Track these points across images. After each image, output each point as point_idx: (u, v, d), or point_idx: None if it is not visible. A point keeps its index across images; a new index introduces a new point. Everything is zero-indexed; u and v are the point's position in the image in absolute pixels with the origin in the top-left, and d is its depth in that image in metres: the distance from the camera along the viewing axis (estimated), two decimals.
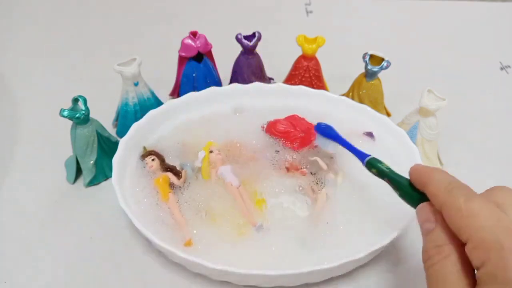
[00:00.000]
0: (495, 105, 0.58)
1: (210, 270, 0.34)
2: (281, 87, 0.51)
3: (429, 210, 0.28)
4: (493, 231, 0.23)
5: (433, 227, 0.27)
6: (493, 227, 0.23)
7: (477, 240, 0.24)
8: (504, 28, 0.75)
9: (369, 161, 0.34)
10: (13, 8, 0.76)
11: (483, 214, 0.24)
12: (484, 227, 0.24)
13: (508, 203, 0.25)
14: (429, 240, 0.26)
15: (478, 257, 0.23)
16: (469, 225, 0.24)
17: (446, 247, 0.25)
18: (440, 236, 0.26)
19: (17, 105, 0.56)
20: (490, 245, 0.23)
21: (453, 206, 0.25)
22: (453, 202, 0.26)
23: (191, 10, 0.77)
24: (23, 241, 0.41)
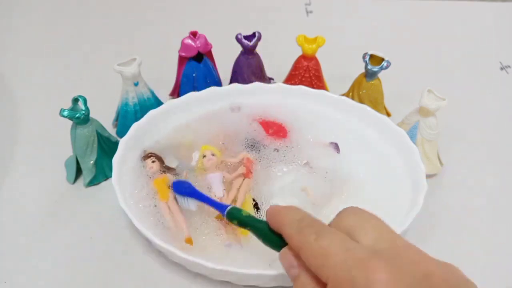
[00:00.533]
0: (495, 105, 0.58)
1: (210, 270, 0.34)
2: (281, 87, 0.51)
3: (291, 255, 0.27)
4: (344, 267, 0.23)
5: (297, 272, 0.26)
6: (344, 262, 0.23)
7: (334, 280, 0.23)
8: (504, 28, 0.75)
9: (229, 212, 0.33)
10: (13, 8, 0.76)
11: (333, 251, 0.24)
12: (336, 264, 0.23)
13: (358, 226, 0.26)
14: (298, 286, 0.26)
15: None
16: (324, 265, 0.24)
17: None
18: (306, 281, 0.26)
19: (17, 105, 0.56)
20: (345, 283, 0.23)
21: (306, 248, 0.25)
22: (305, 243, 0.25)
23: (191, 10, 0.76)
24: (23, 241, 0.41)
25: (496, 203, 0.46)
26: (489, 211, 0.45)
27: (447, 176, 0.48)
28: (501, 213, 0.45)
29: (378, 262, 0.23)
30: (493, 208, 0.45)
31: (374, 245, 0.25)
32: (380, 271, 0.22)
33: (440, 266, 0.24)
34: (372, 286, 0.22)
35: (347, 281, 0.23)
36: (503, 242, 0.42)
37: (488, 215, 0.44)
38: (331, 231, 0.26)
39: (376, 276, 0.22)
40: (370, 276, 0.22)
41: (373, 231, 0.25)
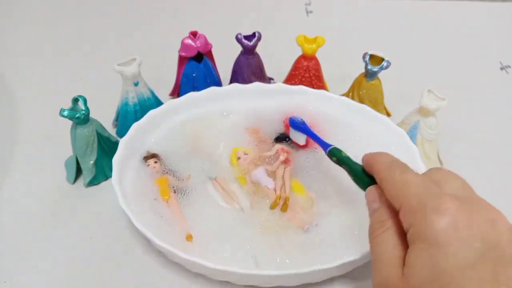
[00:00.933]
0: (495, 105, 0.58)
1: (210, 270, 0.34)
2: (281, 87, 0.50)
3: (376, 191, 0.30)
4: (420, 196, 0.25)
5: (378, 206, 0.29)
6: (421, 192, 0.25)
7: (407, 205, 0.26)
8: (504, 28, 0.75)
9: (331, 150, 0.38)
10: (13, 8, 0.76)
11: (413, 183, 0.26)
12: (413, 193, 0.26)
13: (443, 178, 0.27)
14: (374, 217, 0.29)
15: (407, 220, 0.25)
16: (401, 194, 0.26)
17: (388, 222, 0.27)
18: (383, 213, 0.28)
19: (17, 105, 0.56)
20: (416, 208, 0.25)
21: (390, 179, 0.28)
22: (390, 175, 0.28)
23: (191, 10, 0.77)
24: (23, 241, 0.41)
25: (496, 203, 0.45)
26: None
27: None
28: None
29: (451, 198, 0.24)
30: None
31: (453, 192, 0.26)
32: (451, 202, 0.24)
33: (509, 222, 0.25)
34: (441, 211, 0.24)
35: (418, 205, 0.25)
36: None
37: None
38: (417, 173, 0.28)
39: (445, 205, 0.24)
40: (440, 204, 0.24)
41: (456, 184, 0.27)
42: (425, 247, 0.23)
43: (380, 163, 0.30)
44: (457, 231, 0.23)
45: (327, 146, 0.39)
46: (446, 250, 0.23)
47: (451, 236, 0.23)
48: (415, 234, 0.24)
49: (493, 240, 0.23)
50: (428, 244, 0.23)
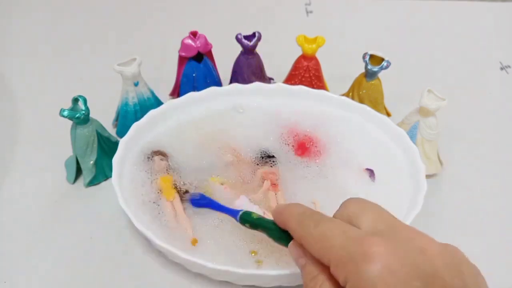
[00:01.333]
0: (495, 105, 0.58)
1: (210, 270, 0.34)
2: (281, 87, 0.50)
3: (297, 246, 0.28)
4: (343, 246, 0.24)
5: (304, 262, 0.28)
6: (343, 243, 0.24)
7: (334, 260, 0.24)
8: (504, 28, 0.75)
9: (242, 218, 0.35)
10: (13, 8, 0.76)
11: (331, 234, 0.25)
12: (334, 245, 0.25)
13: (358, 213, 0.27)
14: (305, 274, 0.27)
15: (341, 275, 0.24)
16: (323, 248, 0.25)
17: (319, 277, 0.26)
18: (312, 268, 0.27)
19: (17, 105, 0.56)
20: (345, 261, 0.24)
21: (307, 235, 0.27)
22: (306, 232, 0.27)
23: (191, 10, 0.76)
24: (23, 241, 0.41)
25: (496, 203, 0.46)
26: (489, 211, 0.45)
27: (447, 176, 0.48)
28: (501, 213, 0.45)
29: (374, 238, 0.24)
30: (493, 208, 0.45)
31: (373, 228, 0.25)
32: (376, 245, 0.23)
33: (438, 243, 0.24)
34: (370, 259, 0.23)
35: (345, 258, 0.24)
36: (504, 242, 0.42)
37: (488, 215, 0.44)
38: (330, 219, 0.27)
39: (372, 249, 0.23)
40: (367, 249, 0.23)
41: (372, 216, 0.26)
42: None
43: (291, 219, 0.29)
44: (393, 274, 0.22)
45: (236, 213, 0.35)
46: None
47: (389, 282, 0.22)
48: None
49: (430, 272, 0.22)
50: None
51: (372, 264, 0.22)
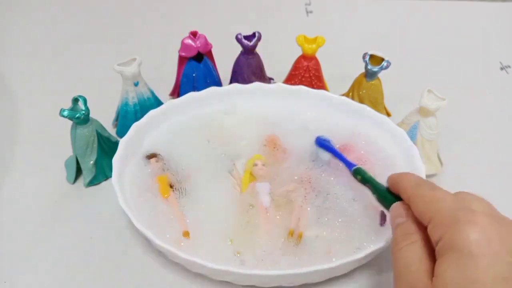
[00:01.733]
0: (495, 105, 0.58)
1: (210, 270, 0.34)
2: (281, 87, 0.50)
3: (401, 207, 0.30)
4: (452, 210, 0.26)
5: (404, 220, 0.29)
6: (452, 207, 0.26)
7: (437, 219, 0.26)
8: (504, 28, 0.75)
9: (356, 170, 0.39)
10: (13, 8, 0.76)
11: (443, 199, 0.27)
12: (443, 208, 0.26)
13: (470, 199, 0.28)
14: (399, 230, 0.29)
15: (437, 233, 0.25)
16: (431, 209, 0.27)
17: (414, 235, 0.28)
18: (409, 226, 0.28)
19: (17, 105, 0.56)
20: (449, 221, 0.25)
21: (420, 195, 0.29)
22: (419, 192, 0.29)
23: (191, 10, 0.76)
24: (23, 241, 0.41)
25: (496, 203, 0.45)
26: None
27: (447, 176, 0.48)
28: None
29: (482, 214, 0.25)
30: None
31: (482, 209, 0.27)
32: (481, 218, 0.25)
33: None
34: (474, 225, 0.24)
35: (450, 219, 0.25)
36: None
37: None
38: (445, 190, 0.29)
39: (479, 219, 0.24)
40: (473, 218, 0.24)
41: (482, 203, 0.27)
42: (457, 258, 0.24)
43: (407, 180, 0.31)
44: (490, 244, 0.23)
45: (352, 165, 0.40)
46: (479, 261, 0.23)
47: (484, 249, 0.23)
48: (446, 245, 0.24)
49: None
50: (460, 255, 0.23)
51: (475, 229, 0.24)
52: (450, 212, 0.26)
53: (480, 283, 0.22)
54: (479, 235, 0.24)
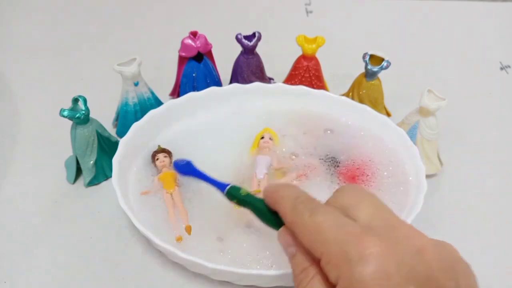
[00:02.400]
0: (495, 105, 0.58)
1: (210, 270, 0.34)
2: (281, 87, 0.50)
3: (288, 234, 0.27)
4: (337, 241, 0.23)
5: (295, 251, 0.26)
6: (337, 237, 0.23)
7: (327, 254, 0.23)
8: (504, 28, 0.75)
9: (229, 191, 0.33)
10: (13, 8, 0.76)
11: (326, 226, 0.24)
12: (329, 239, 0.23)
13: (354, 204, 0.25)
14: (295, 265, 0.26)
15: (333, 273, 0.23)
16: (317, 241, 0.24)
17: (311, 269, 0.25)
18: (302, 259, 0.26)
19: (17, 105, 0.56)
20: (338, 258, 0.23)
21: (300, 223, 0.25)
22: (299, 220, 0.25)
23: (191, 10, 0.76)
24: (23, 241, 0.41)
25: (496, 203, 0.46)
26: (489, 211, 0.45)
27: (447, 176, 0.48)
28: (501, 213, 0.45)
29: (370, 237, 0.23)
30: (493, 208, 0.45)
31: (369, 222, 0.24)
32: (372, 245, 0.22)
33: (433, 242, 0.24)
34: (365, 260, 0.22)
35: (339, 255, 0.23)
36: (503, 242, 0.42)
37: (488, 215, 0.44)
38: (326, 208, 0.26)
39: (368, 250, 0.22)
40: (362, 250, 0.22)
41: (369, 208, 0.25)
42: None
43: (284, 201, 0.27)
44: (388, 277, 0.21)
45: (224, 186, 0.34)
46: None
47: (383, 286, 0.21)
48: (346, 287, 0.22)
49: (425, 274, 0.22)
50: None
51: (367, 266, 0.22)
52: (336, 247, 0.23)
53: None
54: (374, 272, 0.21)
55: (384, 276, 0.21)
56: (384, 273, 0.21)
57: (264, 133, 0.46)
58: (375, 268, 0.21)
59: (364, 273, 0.21)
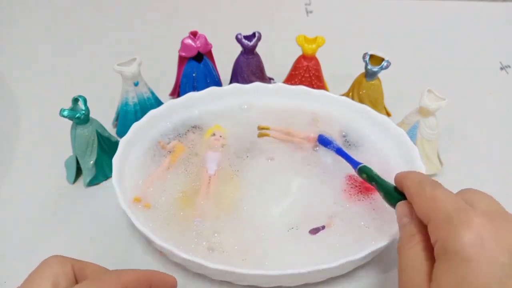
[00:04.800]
0: (495, 105, 0.58)
1: (210, 270, 0.34)
2: (281, 87, 0.51)
3: (406, 207, 0.31)
4: (447, 210, 0.26)
5: (408, 221, 0.30)
6: (449, 208, 0.26)
7: (435, 220, 0.26)
8: (504, 28, 0.75)
9: (361, 168, 0.39)
10: (13, 8, 0.76)
11: (442, 199, 0.27)
12: (441, 208, 0.26)
13: (474, 198, 0.28)
14: (404, 231, 0.29)
15: (434, 234, 0.26)
16: (430, 209, 0.27)
17: (417, 236, 0.28)
18: (412, 228, 0.29)
19: (17, 105, 0.56)
20: (444, 222, 0.25)
21: (420, 194, 0.29)
22: (420, 191, 0.29)
23: (191, 10, 0.77)
24: (23, 241, 0.41)
25: None
26: None
27: (447, 176, 0.48)
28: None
29: (478, 213, 0.25)
30: None
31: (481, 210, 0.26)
32: (477, 218, 0.24)
33: None
34: (468, 226, 0.24)
35: (445, 220, 0.25)
36: None
37: None
38: (448, 190, 0.29)
39: (473, 220, 0.24)
40: (466, 218, 0.24)
41: (487, 202, 0.27)
42: (451, 262, 0.23)
43: (411, 179, 0.31)
44: (484, 246, 0.23)
45: (357, 164, 0.40)
46: (472, 265, 0.23)
47: (477, 251, 0.23)
48: (442, 248, 0.24)
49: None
50: (454, 259, 0.23)
51: (468, 231, 0.23)
52: (445, 213, 0.25)
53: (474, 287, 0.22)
54: (473, 237, 0.23)
55: (480, 243, 0.23)
56: (480, 241, 0.23)
57: (215, 130, 0.46)
58: (475, 235, 0.23)
59: (462, 235, 0.23)
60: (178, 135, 0.46)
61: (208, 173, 0.43)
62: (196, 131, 0.47)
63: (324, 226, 0.38)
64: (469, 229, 0.24)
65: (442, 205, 0.26)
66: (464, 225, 0.24)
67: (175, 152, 0.44)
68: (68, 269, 0.28)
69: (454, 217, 0.25)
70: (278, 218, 0.39)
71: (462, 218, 0.24)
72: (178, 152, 0.44)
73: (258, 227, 0.38)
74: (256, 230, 0.38)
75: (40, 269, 0.27)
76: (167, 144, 0.45)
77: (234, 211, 0.40)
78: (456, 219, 0.24)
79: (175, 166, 0.43)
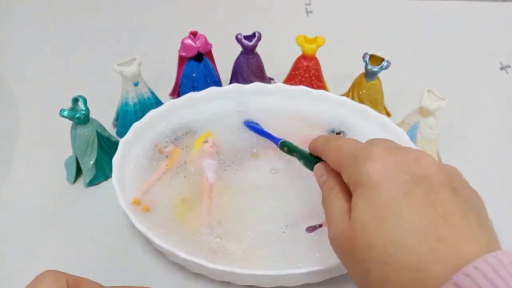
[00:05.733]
0: (495, 105, 0.58)
1: (210, 270, 0.34)
2: (281, 87, 0.50)
3: (322, 166, 0.33)
4: (352, 151, 0.29)
5: (326, 177, 0.32)
6: (353, 149, 0.29)
7: (344, 164, 0.29)
8: (504, 28, 0.75)
9: (282, 142, 0.41)
10: (13, 8, 0.76)
11: (347, 145, 0.30)
12: (347, 151, 0.29)
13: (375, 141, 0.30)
14: (325, 187, 0.31)
15: (345, 175, 0.29)
16: (339, 156, 0.30)
17: (335, 187, 0.30)
18: (330, 182, 0.31)
19: (17, 105, 0.56)
20: (350, 161, 0.28)
21: (328, 148, 0.32)
22: (328, 145, 0.32)
23: (191, 10, 0.77)
24: (23, 241, 0.41)
25: (496, 203, 0.46)
26: (489, 211, 0.45)
27: None
28: (501, 213, 0.45)
29: (378, 147, 0.28)
30: (493, 207, 0.45)
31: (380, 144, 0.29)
32: (378, 150, 0.27)
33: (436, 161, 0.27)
34: (369, 158, 0.27)
35: (352, 159, 0.28)
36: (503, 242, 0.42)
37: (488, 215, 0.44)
38: (351, 138, 0.32)
39: (374, 152, 0.27)
40: (368, 153, 0.27)
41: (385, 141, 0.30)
42: (363, 190, 0.26)
43: (319, 140, 0.34)
44: (386, 170, 0.26)
45: (278, 140, 0.42)
46: (379, 186, 0.25)
47: (381, 175, 0.26)
48: (354, 183, 0.27)
49: (420, 173, 0.26)
50: (364, 187, 0.26)
51: (372, 161, 0.27)
52: (351, 154, 0.29)
53: (384, 204, 0.25)
54: (376, 166, 0.26)
55: (382, 168, 0.26)
56: (382, 167, 0.26)
57: (207, 137, 0.46)
58: (376, 163, 0.26)
59: (367, 165, 0.27)
60: (176, 138, 0.46)
61: (209, 181, 0.42)
62: (194, 135, 0.46)
63: (321, 225, 0.38)
64: (372, 160, 0.27)
65: (347, 149, 0.29)
66: (368, 158, 0.27)
67: (172, 156, 0.44)
68: (62, 285, 0.28)
69: (359, 154, 0.28)
70: (278, 219, 0.39)
71: (366, 154, 0.27)
72: (175, 156, 0.44)
73: (259, 230, 0.38)
74: (258, 233, 0.38)
75: (34, 284, 0.27)
76: (165, 148, 0.45)
77: (235, 216, 0.39)
78: (361, 156, 0.27)
79: (172, 170, 0.43)
